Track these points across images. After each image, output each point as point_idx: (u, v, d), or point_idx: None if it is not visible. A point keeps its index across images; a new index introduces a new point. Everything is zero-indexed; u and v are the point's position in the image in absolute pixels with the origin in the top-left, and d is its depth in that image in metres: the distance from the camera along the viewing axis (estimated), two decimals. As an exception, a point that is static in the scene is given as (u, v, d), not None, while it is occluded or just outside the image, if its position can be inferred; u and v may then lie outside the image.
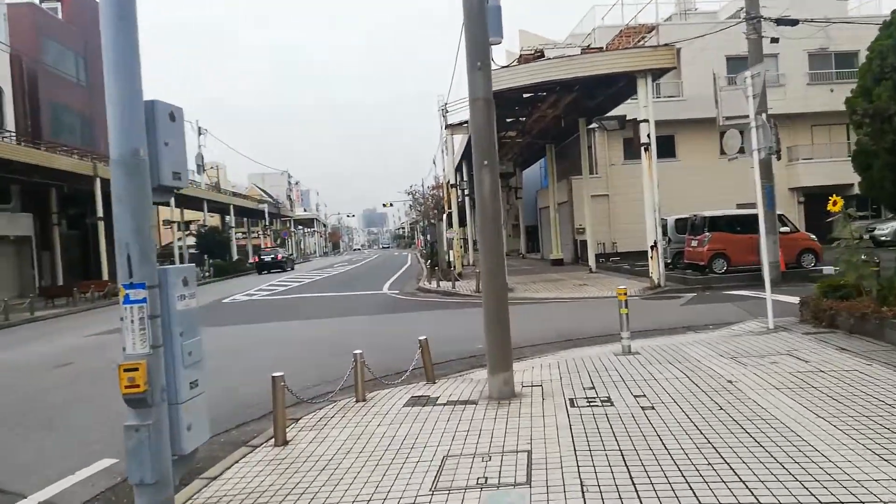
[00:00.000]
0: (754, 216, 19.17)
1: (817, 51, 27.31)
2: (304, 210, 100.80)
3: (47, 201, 31.50)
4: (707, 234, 18.34)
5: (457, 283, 20.58)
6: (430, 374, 7.27)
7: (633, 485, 3.85)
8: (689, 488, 3.74)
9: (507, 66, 17.55)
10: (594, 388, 6.33)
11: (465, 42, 6.53)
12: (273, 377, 5.40)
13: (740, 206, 25.58)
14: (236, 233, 77.55)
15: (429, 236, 29.43)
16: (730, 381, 6.17)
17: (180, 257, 41.20)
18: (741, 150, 9.88)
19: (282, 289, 24.88)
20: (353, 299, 18.68)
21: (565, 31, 28.16)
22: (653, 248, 16.00)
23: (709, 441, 4.54)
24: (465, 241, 31.14)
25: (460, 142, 30.57)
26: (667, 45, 16.03)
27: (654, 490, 3.75)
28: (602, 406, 5.62)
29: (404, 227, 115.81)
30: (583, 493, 3.79)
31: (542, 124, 22.67)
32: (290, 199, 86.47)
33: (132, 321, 3.35)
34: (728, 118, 10.08)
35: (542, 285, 18.93)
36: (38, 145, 27.98)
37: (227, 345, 11.67)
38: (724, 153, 28.42)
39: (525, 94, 20.05)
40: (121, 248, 3.39)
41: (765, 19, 15.49)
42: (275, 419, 5.35)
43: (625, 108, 27.65)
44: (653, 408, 5.46)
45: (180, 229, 42.37)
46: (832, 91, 28.42)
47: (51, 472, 5.35)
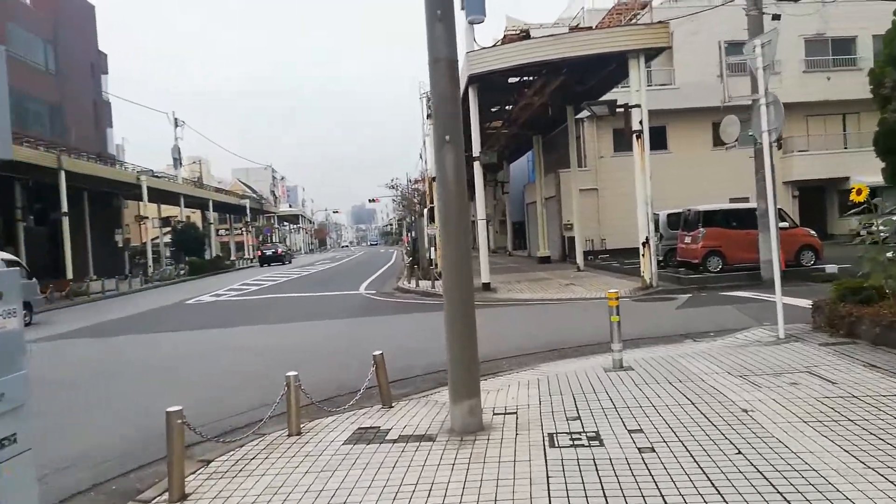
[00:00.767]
0: (751, 211, 18.18)
1: (814, 36, 26.32)
2: (290, 206, 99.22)
3: (11, 196, 30.00)
4: (701, 229, 17.28)
5: (437, 282, 19.39)
6: (386, 397, 6.11)
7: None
8: None
9: (492, 46, 16.36)
10: (580, 417, 5.18)
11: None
12: (168, 413, 4.21)
13: (734, 201, 24.63)
14: (219, 229, 76.10)
15: (412, 233, 28.29)
16: (745, 411, 5.03)
17: (156, 255, 39.80)
18: (756, 137, 8.67)
19: (254, 288, 23.60)
20: (326, 301, 17.47)
21: (554, 19, 26.94)
22: (645, 244, 14.91)
23: (730, 507, 3.40)
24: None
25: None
26: (661, 22, 14.90)
27: None
28: (589, 447, 4.46)
29: (392, 224, 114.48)
30: None
31: (528, 113, 21.52)
32: (275, 195, 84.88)
33: None
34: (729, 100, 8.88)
35: (527, 285, 17.80)
36: (-3, 136, 26.48)
37: (169, 355, 10.47)
38: (718, 145, 27.38)
39: (510, 80, 18.91)
40: None
41: (765, -3, 14.40)
42: (169, 470, 4.16)
43: (615, 97, 26.60)
44: (653, 449, 4.32)
45: (156, 226, 40.95)
46: (829, 79, 27.51)
47: None
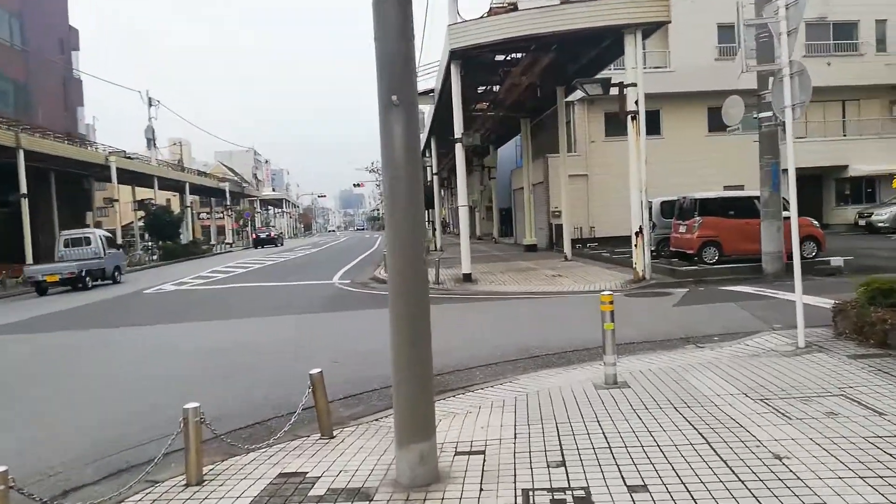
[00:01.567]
0: (750, 199, 17.06)
1: (816, 20, 25.16)
2: (274, 190, 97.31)
3: (-32, 176, 28.35)
4: (697, 218, 16.16)
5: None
6: (325, 426, 4.92)
7: None
8: None
9: (476, 18, 15.04)
10: (564, 463, 4.01)
11: None
12: None
13: (728, 188, 23.60)
14: (200, 213, 74.30)
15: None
16: (777, 458, 3.89)
17: (131, 239, 38.18)
18: (776, 115, 7.48)
19: (223, 276, 22.26)
20: (294, 292, 16.22)
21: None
22: (638, 234, 13.77)
23: None
24: (433, 223, 28.77)
25: (428, 114, 28.04)
26: (660, -8, 13.66)
27: None
28: (576, 515, 3.30)
29: (378, 209, 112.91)
30: None
31: (516, 94, 20.25)
32: (257, 178, 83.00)
33: None
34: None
35: (511, 276, 16.64)
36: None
37: (93, 358, 9.19)
38: (713, 130, 26.31)
39: (497, 57, 17.62)
40: None
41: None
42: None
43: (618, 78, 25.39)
44: (663, 522, 3.16)
45: (134, 209, 39.28)
46: (829, 65, 26.43)
47: None
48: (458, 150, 15.51)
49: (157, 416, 5.82)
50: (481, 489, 3.68)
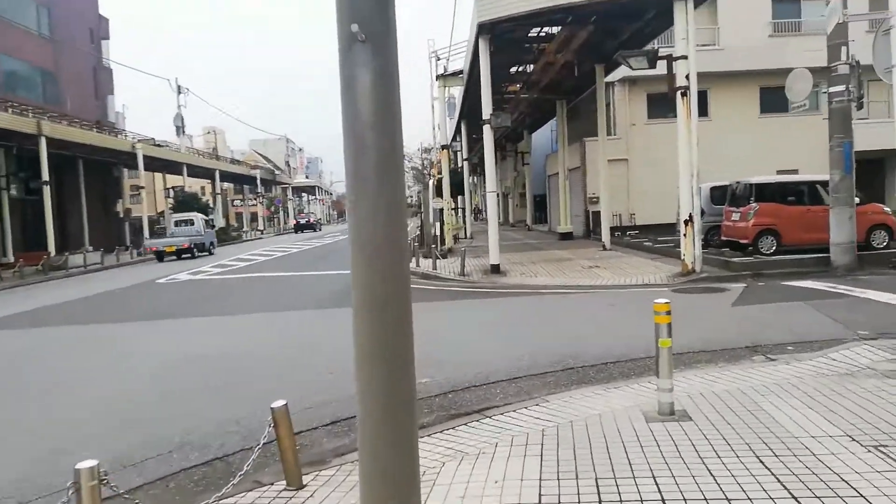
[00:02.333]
0: (812, 184, 15.33)
1: (883, -14, 22.92)
2: (307, 177, 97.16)
3: (-5, 164, 28.23)
4: (753, 204, 14.57)
5: (440, 262, 17.04)
6: (292, 473, 3.78)
7: None
8: None
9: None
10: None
11: None
12: None
13: (780, 173, 21.74)
14: (234, 200, 74.52)
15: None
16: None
17: (151, 227, 37.87)
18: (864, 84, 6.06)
19: (243, 265, 21.45)
20: (310, 282, 15.24)
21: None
22: (688, 222, 12.31)
23: None
24: (463, 210, 27.59)
25: (459, 97, 26.74)
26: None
27: None
28: None
29: (412, 196, 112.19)
30: None
31: (551, 74, 18.79)
32: (289, 166, 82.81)
33: None
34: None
35: (544, 267, 15.32)
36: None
37: (63, 367, 8.25)
38: (765, 112, 24.40)
39: (529, 33, 16.20)
40: None
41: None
42: None
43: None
44: None
45: (167, 196, 38.96)
46: None
47: None
48: (487, 132, 14.21)
49: (77, 459, 4.78)
50: None
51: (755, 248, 14.49)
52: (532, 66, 18.98)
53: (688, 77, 12.22)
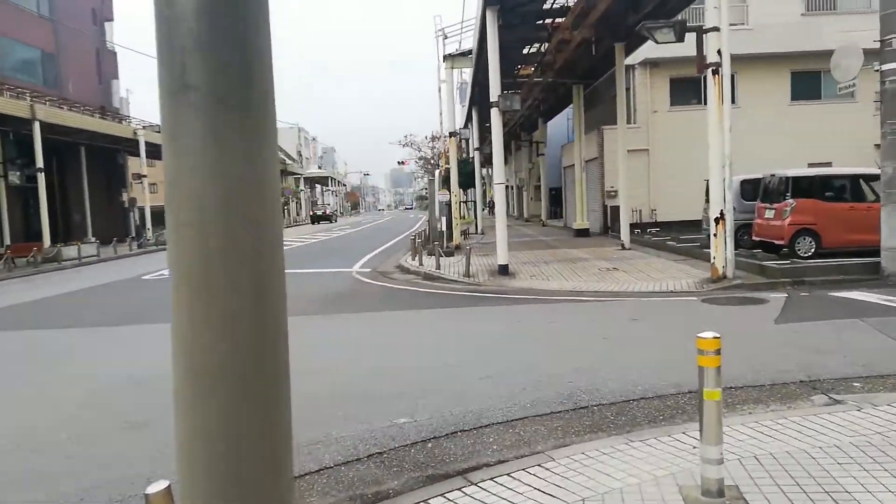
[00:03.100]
0: (855, 177, 13.80)
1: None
2: (319, 168, 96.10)
3: (-8, 150, 27.34)
4: (790, 201, 13.14)
5: (444, 260, 15.78)
6: None
7: None
8: None
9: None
10: None
11: None
12: None
13: (812, 166, 20.14)
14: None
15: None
16: None
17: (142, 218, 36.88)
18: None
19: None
20: (302, 282, 14.06)
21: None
22: (719, 221, 10.92)
23: None
24: (474, 203, 26.24)
25: (469, 80, 25.35)
26: None
27: None
28: None
29: (426, 189, 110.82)
30: None
31: (566, 54, 17.35)
32: (301, 155, 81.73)
33: None
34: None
35: (557, 268, 14.00)
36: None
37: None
38: (796, 98, 22.73)
39: (543, 6, 14.80)
40: None
41: None
42: None
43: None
44: None
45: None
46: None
47: None
48: (495, 116, 12.88)
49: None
50: None
51: (791, 251, 13.07)
52: (546, 45, 17.54)
53: (720, 52, 10.81)
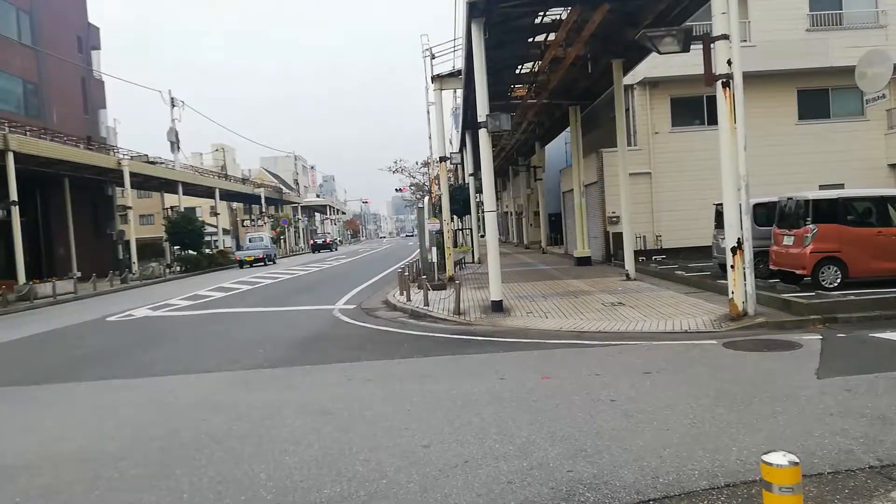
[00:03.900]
0: (882, 200, 12.53)
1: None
2: (318, 196, 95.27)
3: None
4: (811, 226, 11.91)
5: (434, 295, 14.52)
6: None
7: None
8: None
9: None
10: None
11: None
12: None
13: (823, 188, 18.96)
14: (244, 220, 72.70)
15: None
16: None
17: (158, 249, 35.79)
18: None
19: (220, 296, 19.11)
20: (277, 322, 12.83)
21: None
22: (737, 250, 9.66)
23: None
24: (470, 231, 25.11)
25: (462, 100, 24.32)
26: None
27: None
28: None
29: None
30: None
31: (561, 73, 16.28)
32: (298, 184, 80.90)
33: None
34: None
35: (556, 303, 12.73)
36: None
37: None
38: (803, 118, 21.65)
39: (535, 20, 13.76)
40: None
41: None
42: None
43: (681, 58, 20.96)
44: None
45: (165, 217, 36.78)
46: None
47: None
48: (483, 137, 11.72)
49: None
50: None
51: (815, 281, 11.80)
52: (539, 62, 16.48)
53: (730, 63, 9.70)
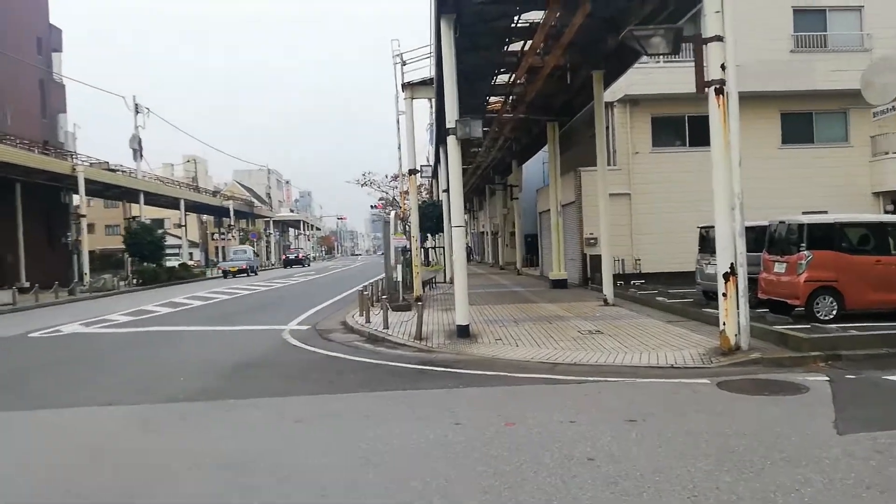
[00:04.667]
0: (882, 225, 11.41)
1: None
2: (291, 211, 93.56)
3: None
4: (805, 253, 10.99)
5: (396, 317, 13.29)
6: None
7: None
8: None
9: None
10: None
11: None
12: None
13: (807, 214, 18.22)
14: (213, 233, 70.79)
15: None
16: None
17: (100, 261, 34.01)
18: None
19: (167, 311, 17.66)
20: (214, 344, 11.51)
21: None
22: (729, 276, 8.62)
23: None
24: (441, 250, 24.08)
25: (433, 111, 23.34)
26: None
27: None
28: None
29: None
30: None
31: (539, 85, 15.36)
32: (270, 198, 79.25)
33: None
34: None
35: (529, 329, 11.58)
36: None
37: None
38: (787, 142, 20.95)
39: (511, 23, 12.79)
40: None
41: None
42: None
43: (663, 76, 20.24)
44: None
45: (126, 228, 34.89)
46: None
47: None
48: (452, 146, 10.61)
49: None
50: None
51: (808, 312, 10.85)
52: (514, 73, 15.53)
53: (723, 67, 8.73)
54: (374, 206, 61.48)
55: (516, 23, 12.42)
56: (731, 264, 8.64)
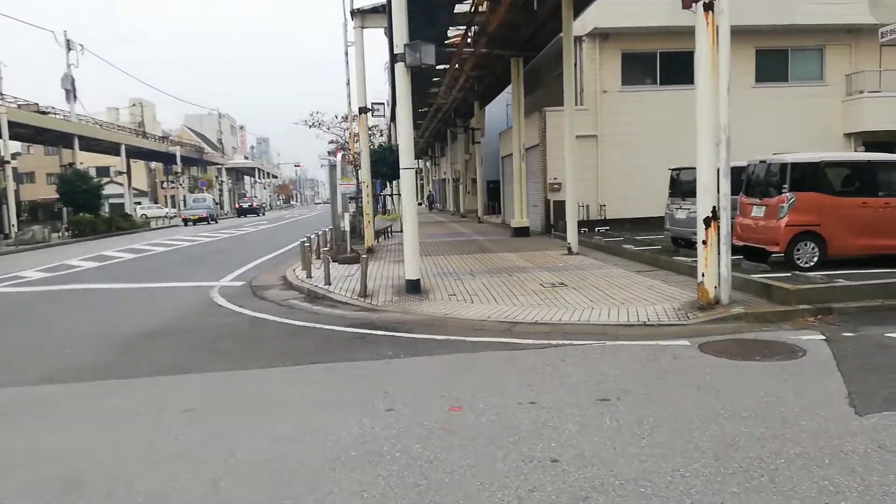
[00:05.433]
0: (870, 165, 10.13)
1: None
2: (247, 158, 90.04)
3: None
4: (787, 195, 10.04)
5: (341, 270, 12.05)
6: None
7: None
8: None
9: None
10: None
11: None
12: None
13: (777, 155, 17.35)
14: (162, 181, 67.60)
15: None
16: None
17: (36, 211, 31.65)
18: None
19: (92, 265, 16.03)
20: (130, 305, 10.13)
21: None
22: (710, 221, 7.57)
23: None
24: (387, 198, 22.69)
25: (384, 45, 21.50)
26: None
27: None
28: None
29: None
30: None
31: (501, 14, 13.81)
32: (222, 144, 75.81)
33: None
34: None
35: (487, 282, 10.49)
36: None
37: None
38: (761, 80, 19.98)
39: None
40: None
41: None
42: None
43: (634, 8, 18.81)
44: None
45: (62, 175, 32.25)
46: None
47: None
48: (400, 74, 9.18)
49: None
50: None
51: (788, 260, 9.98)
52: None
53: (714, -18, 7.45)
54: (331, 151, 59.14)
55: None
56: (714, 208, 7.57)
